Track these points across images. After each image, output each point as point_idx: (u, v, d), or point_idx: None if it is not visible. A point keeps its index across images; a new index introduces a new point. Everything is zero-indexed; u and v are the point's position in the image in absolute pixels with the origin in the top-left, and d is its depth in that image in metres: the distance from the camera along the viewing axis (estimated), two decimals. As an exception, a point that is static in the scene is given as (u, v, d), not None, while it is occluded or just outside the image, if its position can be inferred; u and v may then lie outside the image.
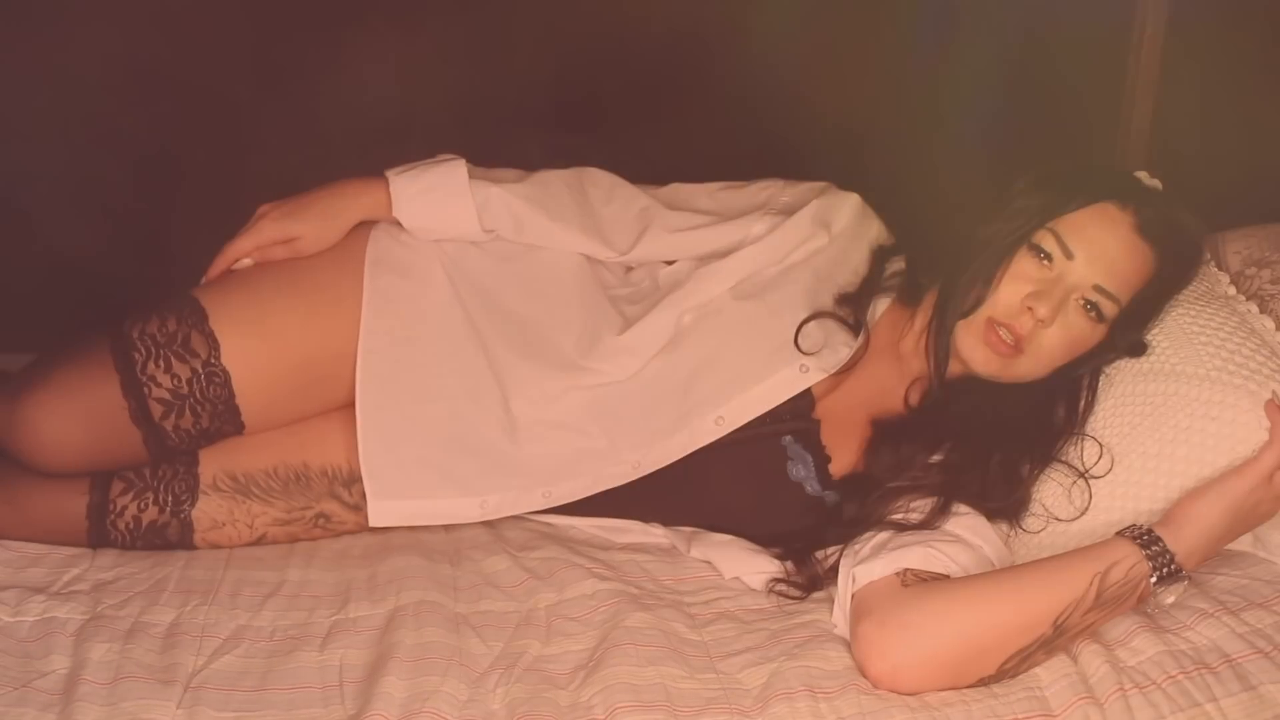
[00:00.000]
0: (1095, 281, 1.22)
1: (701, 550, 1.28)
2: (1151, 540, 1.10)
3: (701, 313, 1.32)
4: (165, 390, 1.19)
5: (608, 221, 1.39)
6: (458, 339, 1.31)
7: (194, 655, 1.08)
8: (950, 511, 1.19)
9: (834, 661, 1.09)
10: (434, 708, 1.01)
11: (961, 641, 1.05)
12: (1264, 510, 1.13)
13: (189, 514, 1.24)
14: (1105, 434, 1.21)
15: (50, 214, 1.55)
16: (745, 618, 1.19)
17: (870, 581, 1.12)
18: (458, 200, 1.32)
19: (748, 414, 1.27)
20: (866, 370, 1.33)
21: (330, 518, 1.29)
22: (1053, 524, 1.21)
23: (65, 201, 1.54)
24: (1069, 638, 1.08)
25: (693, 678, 1.08)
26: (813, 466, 1.27)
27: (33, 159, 1.55)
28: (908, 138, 1.83)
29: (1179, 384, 1.18)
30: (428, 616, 1.14)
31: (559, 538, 1.32)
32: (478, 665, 1.09)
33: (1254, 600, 1.16)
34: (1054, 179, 1.28)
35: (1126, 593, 1.08)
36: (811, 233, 1.35)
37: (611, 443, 1.29)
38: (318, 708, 1.03)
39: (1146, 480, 1.17)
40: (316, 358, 1.26)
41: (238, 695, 1.03)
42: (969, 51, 1.77)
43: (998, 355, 1.24)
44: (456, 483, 1.27)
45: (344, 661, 1.09)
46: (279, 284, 1.27)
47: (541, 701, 1.04)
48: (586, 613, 1.17)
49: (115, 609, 1.12)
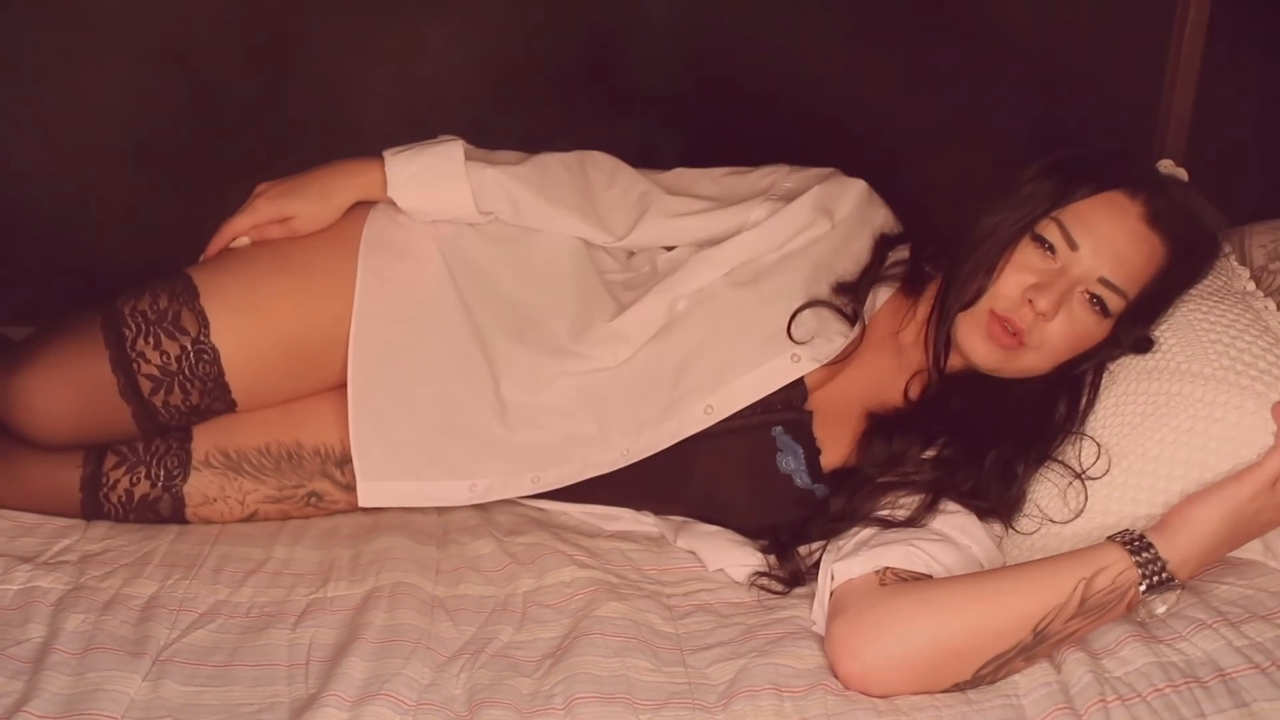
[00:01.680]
0: (1101, 274, 1.17)
1: (688, 540, 1.26)
2: (1143, 546, 1.05)
3: (696, 300, 1.30)
4: (154, 367, 1.21)
5: (607, 205, 1.37)
6: (451, 321, 1.30)
7: (168, 629, 1.09)
8: (938, 509, 1.16)
9: (806, 660, 1.07)
10: (392, 690, 1.01)
11: (935, 644, 1.02)
12: (1266, 519, 1.07)
13: (180, 489, 1.25)
14: (1104, 434, 1.16)
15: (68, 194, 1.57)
16: (723, 611, 1.17)
17: (848, 579, 1.09)
18: (453, 182, 1.31)
19: (737, 403, 1.24)
20: (865, 361, 1.30)
21: (323, 497, 1.30)
22: (1047, 526, 1.17)
23: (83, 185, 1.56)
24: (1051, 644, 1.04)
25: (659, 670, 1.06)
26: (803, 459, 1.25)
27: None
28: (935, 124, 1.77)
29: (1183, 383, 1.12)
30: (403, 598, 1.15)
31: (548, 523, 1.31)
32: (446, 649, 1.09)
33: (1257, 612, 1.11)
34: (1063, 166, 1.23)
35: (1113, 600, 1.04)
36: (812, 219, 1.32)
37: (602, 429, 1.27)
38: (281, 685, 1.03)
39: (1145, 483, 1.12)
40: (307, 337, 1.27)
41: (204, 670, 1.04)
42: (996, 35, 1.71)
43: (999, 348, 1.20)
44: (446, 465, 1.27)
45: (314, 640, 1.09)
46: (271, 263, 1.28)
47: (503, 688, 1.03)
48: (562, 600, 1.16)
49: (98, 580, 1.14)
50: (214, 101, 1.57)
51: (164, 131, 1.54)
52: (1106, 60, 1.74)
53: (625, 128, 1.72)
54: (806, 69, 1.71)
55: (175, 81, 1.55)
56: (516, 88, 1.72)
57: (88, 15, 1.48)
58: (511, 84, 1.72)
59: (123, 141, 1.58)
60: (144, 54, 1.50)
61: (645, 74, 1.74)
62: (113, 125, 1.55)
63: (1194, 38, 1.68)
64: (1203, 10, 1.67)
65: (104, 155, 1.56)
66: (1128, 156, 1.24)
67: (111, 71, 1.50)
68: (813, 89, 1.72)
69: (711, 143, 1.76)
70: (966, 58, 1.75)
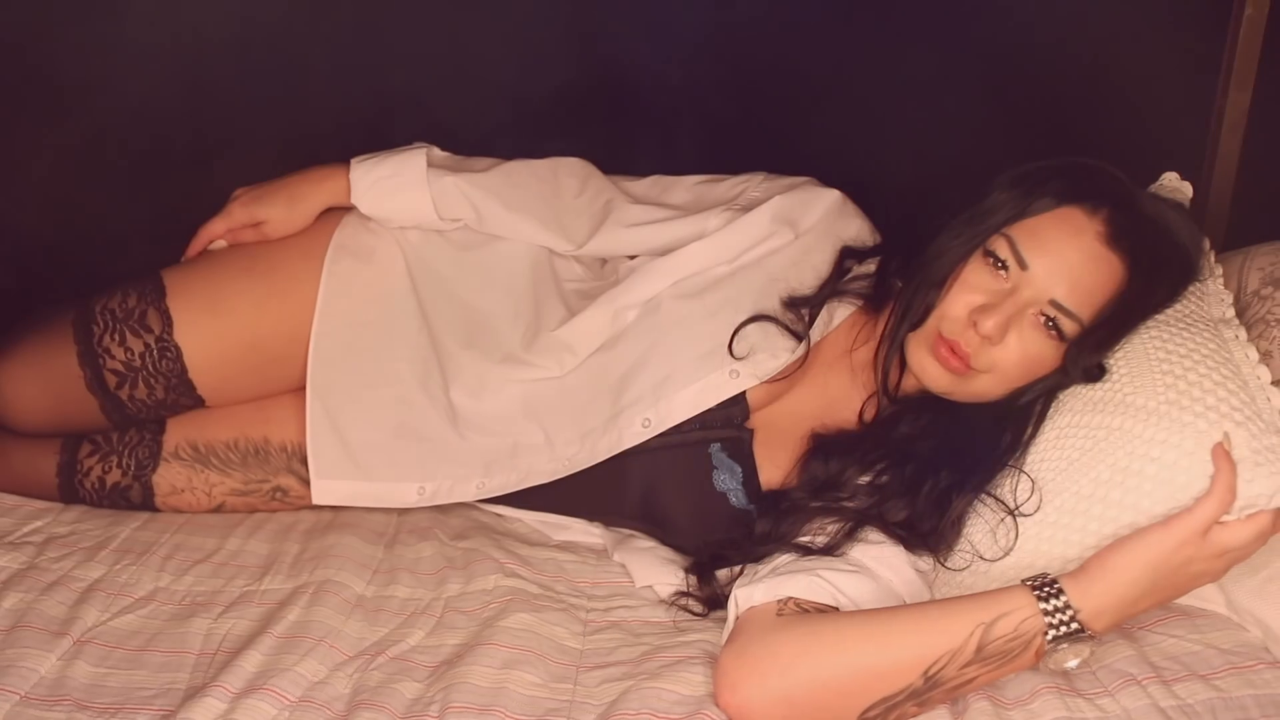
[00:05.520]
0: (1052, 296, 1.09)
1: (622, 555, 1.25)
2: (1053, 593, 0.97)
3: (645, 310, 1.28)
4: (119, 363, 1.27)
5: (573, 214, 1.37)
6: (410, 327, 1.33)
7: (100, 611, 1.15)
8: (860, 538, 1.11)
9: (696, 687, 1.04)
10: (276, 685, 1.03)
11: (816, 683, 0.97)
12: (1196, 570, 0.97)
13: (150, 479, 1.32)
14: (1041, 468, 1.07)
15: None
16: (637, 630, 1.15)
17: (751, 606, 1.05)
18: (413, 188, 1.33)
19: (674, 417, 1.22)
20: (816, 380, 1.25)
21: (288, 492, 1.34)
22: (977, 563, 1.10)
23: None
24: (946, 690, 0.98)
25: (545, 686, 1.05)
26: (740, 477, 1.21)
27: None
28: (974, 129, 1.68)
29: (1124, 417, 1.03)
30: (326, 596, 1.17)
31: (497, 530, 1.32)
32: (350, 649, 1.11)
33: (1197, 670, 1.01)
34: (1026, 178, 1.15)
35: (1016, 648, 0.97)
36: (771, 230, 1.28)
37: (548, 438, 1.27)
38: (183, 673, 1.07)
39: (1076, 523, 1.03)
40: (270, 337, 1.31)
41: (118, 653, 1.09)
42: (1040, 34, 1.61)
43: (947, 371, 1.13)
44: (398, 467, 1.29)
45: (230, 632, 1.12)
46: (239, 265, 1.33)
47: (388, 692, 1.04)
48: (478, 608, 1.17)
49: (52, 561, 1.21)
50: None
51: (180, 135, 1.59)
52: (1157, 60, 1.61)
53: (645, 137, 1.70)
54: (831, 80, 1.66)
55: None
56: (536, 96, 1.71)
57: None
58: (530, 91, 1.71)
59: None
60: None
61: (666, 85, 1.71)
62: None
63: (1250, 36, 1.54)
64: (1261, 9, 1.52)
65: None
66: (1095, 169, 1.15)
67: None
68: (838, 99, 1.66)
69: (734, 152, 1.71)
70: (1008, 60, 1.66)
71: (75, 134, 1.49)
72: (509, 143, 1.47)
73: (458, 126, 1.49)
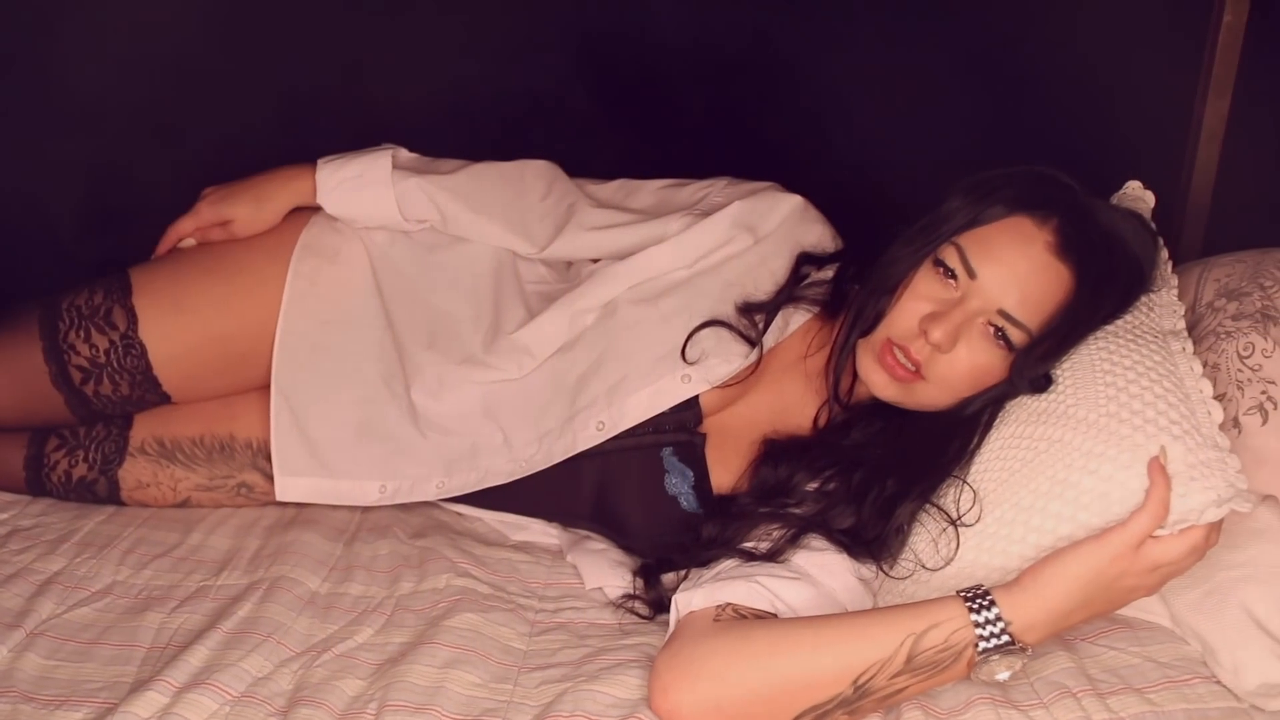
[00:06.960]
0: (1000, 306, 1.09)
1: (575, 556, 1.25)
2: (985, 605, 0.97)
3: (602, 314, 1.28)
4: (84, 359, 1.29)
5: (537, 216, 1.37)
6: (374, 326, 1.34)
7: (55, 604, 1.16)
8: (803, 545, 1.11)
9: (632, 690, 1.04)
10: (219, 679, 1.04)
11: (745, 690, 0.97)
12: (1129, 585, 0.97)
13: (115, 473, 1.34)
14: (983, 478, 1.07)
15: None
16: (582, 631, 1.15)
17: (690, 611, 1.06)
18: (377, 190, 1.34)
19: (627, 421, 1.23)
20: (770, 386, 1.26)
21: (253, 488, 1.36)
22: (919, 572, 1.10)
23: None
24: (876, 700, 0.98)
25: (484, 686, 1.06)
26: (691, 481, 1.22)
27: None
28: (952, 137, 1.68)
29: (1065, 429, 1.03)
30: (279, 593, 1.18)
31: (455, 529, 1.33)
32: (297, 645, 1.12)
33: (1133, 684, 1.01)
34: (979, 186, 1.15)
35: (946, 659, 0.97)
36: (729, 236, 1.28)
37: (506, 439, 1.28)
38: (131, 666, 1.09)
39: (1015, 534, 1.03)
40: (235, 336, 1.33)
41: (69, 646, 1.11)
42: (1020, 38, 1.60)
43: (893, 380, 1.13)
44: (361, 465, 1.30)
45: (181, 627, 1.14)
46: (205, 264, 1.34)
47: (329, 689, 1.06)
48: (426, 607, 1.18)
49: (12, 554, 1.23)
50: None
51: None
52: (1136, 68, 1.60)
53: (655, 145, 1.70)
54: (835, 87, 1.66)
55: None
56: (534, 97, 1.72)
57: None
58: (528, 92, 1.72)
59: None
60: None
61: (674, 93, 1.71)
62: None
63: (1229, 44, 1.53)
64: (1240, 16, 1.51)
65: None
66: (1048, 177, 1.14)
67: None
68: (810, 111, 1.66)
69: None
70: (988, 67, 1.65)
71: (41, 129, 1.51)
72: (484, 144, 1.48)
73: (431, 127, 1.51)
